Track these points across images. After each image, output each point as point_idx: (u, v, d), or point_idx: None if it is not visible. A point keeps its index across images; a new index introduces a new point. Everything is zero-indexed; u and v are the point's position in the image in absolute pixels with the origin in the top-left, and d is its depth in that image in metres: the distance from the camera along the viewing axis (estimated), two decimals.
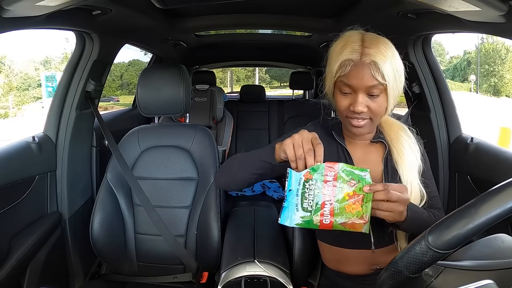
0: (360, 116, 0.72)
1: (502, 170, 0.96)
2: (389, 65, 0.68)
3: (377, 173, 0.78)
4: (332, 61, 0.72)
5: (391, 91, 0.70)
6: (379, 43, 0.69)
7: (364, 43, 0.69)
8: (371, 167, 0.78)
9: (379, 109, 0.72)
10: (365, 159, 0.80)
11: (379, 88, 0.69)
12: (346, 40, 0.71)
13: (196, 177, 1.13)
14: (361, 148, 0.81)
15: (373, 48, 0.68)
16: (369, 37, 0.70)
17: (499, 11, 0.64)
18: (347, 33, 0.73)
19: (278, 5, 1.37)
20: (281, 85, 19.38)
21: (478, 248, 0.52)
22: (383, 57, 0.67)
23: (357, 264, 0.82)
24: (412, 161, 0.77)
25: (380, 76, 0.68)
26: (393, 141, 0.79)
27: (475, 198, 0.42)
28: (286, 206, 0.66)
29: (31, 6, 0.70)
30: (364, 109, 0.71)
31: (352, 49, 0.69)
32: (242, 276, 0.81)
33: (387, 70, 0.68)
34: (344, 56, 0.69)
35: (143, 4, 1.01)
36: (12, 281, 0.94)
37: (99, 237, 1.07)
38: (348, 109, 0.72)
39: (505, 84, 17.97)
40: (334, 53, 0.73)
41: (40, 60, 18.53)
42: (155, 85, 1.13)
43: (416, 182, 0.76)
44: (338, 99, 0.74)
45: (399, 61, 0.71)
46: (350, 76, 0.69)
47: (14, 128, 8.50)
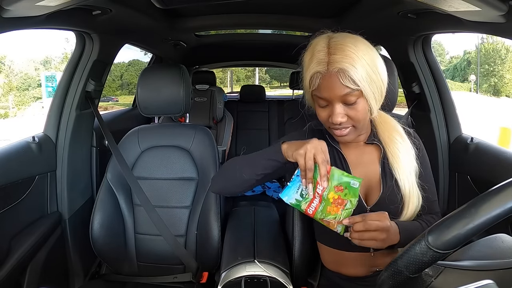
0: (341, 126, 0.71)
1: (502, 170, 0.96)
2: (360, 68, 0.64)
3: (374, 175, 0.78)
4: (304, 75, 0.71)
5: (368, 93, 0.67)
6: (345, 45, 0.65)
7: (330, 50, 0.66)
8: (367, 168, 0.78)
9: (360, 115, 0.69)
10: (360, 161, 0.79)
11: (354, 95, 0.66)
12: (312, 50, 0.68)
13: (196, 177, 1.13)
14: (356, 149, 0.80)
15: (338, 53, 0.64)
16: (336, 40, 0.67)
17: (499, 11, 0.64)
18: (314, 41, 0.70)
19: (278, 5, 1.37)
20: (281, 85, 19.39)
21: (478, 248, 0.52)
22: (350, 60, 0.64)
23: (356, 266, 0.81)
24: (407, 164, 0.76)
25: (351, 82, 0.64)
26: (387, 144, 0.77)
27: (475, 198, 0.42)
28: (289, 186, 0.72)
29: (31, 6, 0.70)
30: (343, 119, 0.69)
31: (318, 60, 0.66)
32: (242, 276, 0.81)
33: (357, 74, 0.64)
34: (312, 69, 0.67)
35: (143, 4, 1.01)
36: (12, 281, 0.94)
37: (99, 237, 1.07)
38: (328, 121, 0.71)
39: (505, 84, 17.97)
40: (304, 66, 0.71)
41: (40, 60, 18.55)
42: (155, 85, 1.13)
43: (413, 185, 0.75)
44: (318, 112, 0.73)
45: (373, 58, 0.67)
46: (321, 89, 0.67)
47: (14, 128, 8.49)
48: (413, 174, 0.76)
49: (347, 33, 0.69)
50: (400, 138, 0.78)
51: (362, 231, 0.67)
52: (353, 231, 0.68)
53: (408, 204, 0.75)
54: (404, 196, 0.75)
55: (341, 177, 0.69)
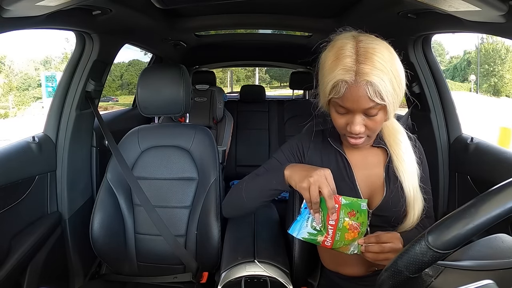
0: (357, 136, 0.69)
1: (502, 170, 0.96)
2: (387, 82, 0.62)
3: (377, 178, 0.77)
4: (325, 78, 0.66)
5: (390, 107, 0.65)
6: (374, 55, 0.62)
7: (358, 57, 0.62)
8: (370, 171, 0.78)
9: (378, 126, 0.69)
10: (364, 163, 0.79)
11: (377, 108, 0.65)
12: (337, 54, 0.64)
13: (196, 177, 1.13)
14: (360, 152, 0.79)
15: (368, 63, 0.61)
16: (364, 46, 0.63)
17: (499, 11, 0.64)
18: (338, 42, 0.66)
19: (278, 5, 1.37)
20: (281, 85, 19.39)
21: (478, 248, 0.52)
22: (380, 73, 0.61)
23: (354, 266, 0.81)
24: (412, 167, 0.75)
25: (378, 97, 0.62)
26: (393, 147, 0.77)
27: (475, 198, 0.42)
28: (298, 220, 0.73)
29: (31, 6, 0.70)
30: (362, 129, 0.67)
31: (345, 68, 0.62)
32: (242, 276, 0.81)
33: (385, 89, 0.62)
34: (337, 76, 0.63)
35: (143, 4, 1.00)
36: (12, 281, 0.94)
37: (99, 237, 1.07)
38: (345, 128, 0.69)
39: (505, 84, 17.97)
40: (326, 67, 0.66)
41: (40, 60, 18.55)
42: (155, 85, 1.13)
43: (417, 189, 0.75)
44: (334, 117, 0.70)
45: (398, 67, 0.65)
46: (345, 99, 0.64)
47: (13, 129, 8.49)
48: (416, 177, 0.76)
49: (373, 37, 0.66)
50: (405, 140, 0.78)
51: (377, 253, 0.68)
52: (368, 252, 0.69)
53: (414, 207, 0.74)
54: (408, 200, 0.74)
55: (351, 203, 0.70)
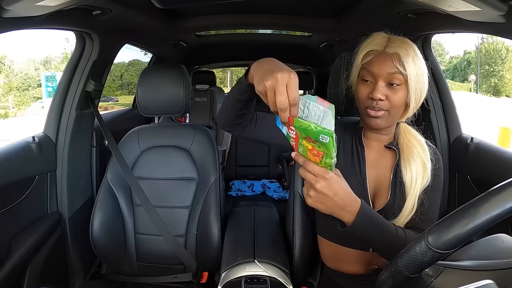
0: (378, 106, 0.73)
1: (502, 170, 0.96)
2: (412, 61, 0.70)
3: (385, 179, 0.78)
4: (358, 54, 0.76)
5: (411, 84, 0.71)
6: (404, 41, 0.73)
7: (390, 39, 0.74)
8: (380, 171, 0.79)
9: (398, 101, 0.72)
10: (377, 164, 0.80)
11: (399, 78, 0.71)
12: (374, 37, 0.75)
13: (196, 177, 1.13)
14: (376, 151, 0.81)
15: (397, 43, 0.72)
16: (396, 36, 0.75)
17: (499, 11, 0.64)
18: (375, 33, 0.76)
19: (278, 5, 1.37)
20: None
21: (478, 248, 0.52)
22: (406, 51, 0.70)
23: (354, 263, 0.82)
24: (418, 175, 0.74)
25: (402, 66, 0.70)
26: (404, 151, 0.77)
27: (475, 198, 0.42)
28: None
29: (31, 6, 0.70)
30: (383, 96, 0.72)
31: (378, 42, 0.74)
32: (242, 276, 0.81)
33: (409, 63, 0.70)
34: (369, 47, 0.74)
35: (143, 4, 1.00)
36: (12, 281, 0.94)
37: (99, 237, 1.07)
38: (368, 97, 0.74)
39: (505, 84, 17.98)
40: (361, 48, 0.77)
41: (40, 60, 18.56)
42: (155, 85, 1.13)
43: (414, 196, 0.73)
44: (359, 88, 0.76)
45: (422, 63, 0.73)
46: (372, 63, 0.73)
47: (13, 129, 8.49)
48: (419, 185, 0.74)
49: None
50: (420, 147, 0.77)
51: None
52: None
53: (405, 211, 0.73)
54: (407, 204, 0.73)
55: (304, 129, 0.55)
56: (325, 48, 1.78)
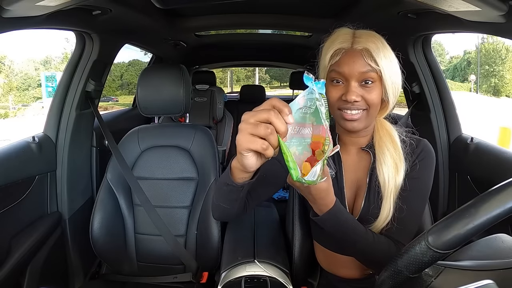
0: (353, 107, 0.67)
1: (502, 170, 0.96)
2: (382, 54, 0.66)
3: (361, 183, 0.75)
4: (323, 54, 0.70)
5: (387, 80, 0.66)
6: (371, 34, 0.68)
7: (355, 33, 0.68)
8: (359, 175, 0.76)
9: (376, 100, 0.67)
10: (355, 168, 0.76)
11: (372, 76, 0.66)
12: (337, 34, 0.69)
13: (196, 177, 1.13)
14: (353, 155, 0.77)
15: (364, 37, 0.66)
16: (361, 30, 0.69)
17: (499, 11, 0.64)
18: (337, 29, 0.71)
19: (278, 5, 1.37)
20: (281, 85, 19.40)
21: (478, 248, 0.52)
22: (374, 44, 0.65)
23: (349, 268, 0.80)
24: (390, 177, 0.69)
25: (373, 62, 0.65)
26: (377, 151, 0.72)
27: (475, 198, 0.42)
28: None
29: (31, 6, 0.70)
30: (358, 98, 0.66)
31: (343, 39, 0.67)
32: (242, 276, 0.81)
33: (380, 57, 0.65)
34: (335, 46, 0.67)
35: (143, 4, 1.00)
36: (12, 281, 0.94)
37: (99, 237, 1.07)
38: (340, 99, 0.67)
39: (505, 84, 17.97)
40: (325, 47, 0.70)
41: (40, 60, 18.55)
42: (155, 85, 1.13)
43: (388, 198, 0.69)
44: (330, 91, 0.68)
45: (392, 54, 0.68)
46: (342, 63, 0.66)
47: (13, 129, 8.49)
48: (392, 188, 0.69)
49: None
50: (392, 146, 0.72)
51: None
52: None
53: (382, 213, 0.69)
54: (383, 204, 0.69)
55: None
56: None
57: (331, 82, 0.69)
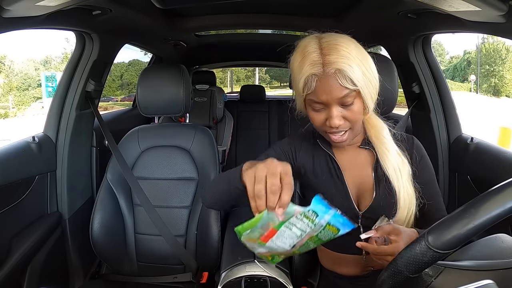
0: (338, 130, 0.67)
1: (502, 170, 0.96)
2: (356, 67, 0.62)
3: (367, 179, 0.76)
4: (295, 79, 0.67)
5: (365, 92, 0.65)
6: (338, 45, 0.63)
7: (322, 50, 0.63)
8: (361, 172, 0.76)
9: (357, 116, 0.67)
10: (353, 164, 0.77)
11: (352, 96, 0.64)
12: (303, 53, 0.65)
13: (196, 177, 1.13)
14: (349, 152, 0.78)
15: (333, 54, 0.62)
16: (326, 40, 0.64)
17: (499, 11, 0.64)
18: (302, 43, 0.67)
19: (278, 5, 1.37)
20: (281, 85, 19.40)
21: (478, 248, 0.52)
22: (346, 60, 0.61)
23: (350, 266, 0.81)
24: (398, 164, 0.72)
25: (350, 83, 0.62)
26: (376, 144, 0.74)
27: (475, 198, 0.42)
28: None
29: (31, 6, 0.70)
30: (341, 121, 0.66)
31: (312, 62, 0.62)
32: (242, 276, 0.81)
33: (355, 73, 0.62)
34: (305, 72, 0.63)
35: (143, 4, 1.00)
36: (12, 281, 0.94)
37: (99, 237, 1.07)
38: (325, 124, 0.67)
39: (505, 84, 17.96)
40: (294, 69, 0.67)
41: (40, 60, 18.54)
42: (155, 85, 1.13)
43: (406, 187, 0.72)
44: (312, 117, 0.69)
45: (365, 56, 0.65)
46: (318, 92, 0.63)
47: (13, 129, 8.49)
48: (406, 174, 0.72)
49: (335, 33, 0.66)
50: (389, 137, 0.76)
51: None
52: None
53: (405, 202, 0.72)
54: (398, 196, 0.72)
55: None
56: None
57: (311, 108, 0.68)
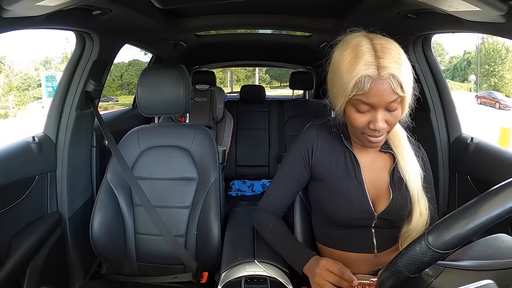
0: (380, 134, 0.69)
1: (502, 170, 0.96)
2: (406, 74, 0.63)
3: (382, 182, 0.78)
4: (344, 77, 0.65)
5: (408, 99, 0.67)
6: (391, 49, 0.64)
7: (376, 53, 0.63)
8: (377, 174, 0.78)
9: (396, 120, 0.69)
10: (373, 167, 0.79)
11: (398, 101, 0.66)
12: (356, 51, 0.64)
13: (196, 177, 1.13)
14: (370, 155, 0.80)
15: (387, 58, 0.62)
16: (379, 42, 0.64)
17: (499, 11, 0.64)
18: (353, 41, 0.66)
19: (278, 5, 1.37)
20: (281, 85, 19.38)
21: (478, 248, 0.52)
22: (399, 66, 0.62)
23: (359, 266, 0.81)
24: (416, 168, 0.76)
25: (400, 89, 0.63)
26: (398, 149, 0.77)
27: (475, 198, 0.42)
28: None
29: (31, 6, 0.70)
30: (384, 125, 0.67)
31: (367, 63, 0.62)
32: (242, 276, 0.81)
33: (405, 80, 0.63)
34: (359, 72, 0.62)
35: (143, 4, 1.00)
36: (12, 281, 0.94)
37: (99, 237, 1.07)
38: (367, 127, 0.68)
39: (505, 84, 17.96)
40: (343, 67, 0.65)
41: (40, 60, 18.53)
42: (155, 85, 1.13)
43: (420, 188, 0.75)
44: (354, 117, 0.68)
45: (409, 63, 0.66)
46: (370, 95, 0.63)
47: (13, 129, 8.49)
48: (420, 177, 0.76)
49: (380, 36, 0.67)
50: (408, 145, 0.78)
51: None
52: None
53: (419, 205, 0.74)
54: (413, 200, 0.75)
55: None
56: (325, 48, 1.78)
57: (355, 109, 0.68)
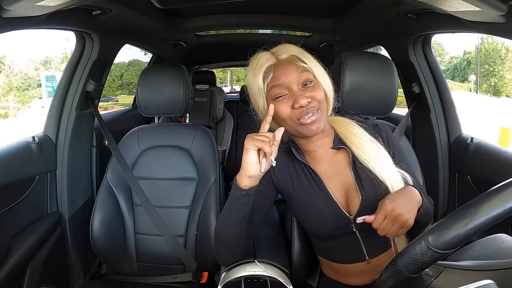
0: (308, 110, 0.68)
1: (502, 170, 0.96)
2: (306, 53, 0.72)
3: (349, 182, 0.74)
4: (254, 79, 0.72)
5: (320, 77, 0.72)
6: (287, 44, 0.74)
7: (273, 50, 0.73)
8: (342, 176, 0.75)
9: (321, 95, 0.71)
10: (334, 170, 0.76)
11: (309, 77, 0.70)
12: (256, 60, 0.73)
13: (196, 177, 1.13)
14: (325, 160, 0.77)
15: (282, 49, 0.72)
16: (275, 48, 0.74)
17: (499, 11, 0.64)
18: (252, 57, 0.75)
19: (278, 5, 1.37)
20: None
21: (478, 248, 0.52)
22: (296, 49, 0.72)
23: (357, 276, 0.79)
24: (375, 150, 0.73)
25: (303, 62, 0.70)
26: (349, 139, 0.75)
27: (475, 198, 0.42)
28: None
29: (31, 6, 0.70)
30: (308, 99, 0.68)
31: (265, 58, 0.72)
32: (242, 276, 0.81)
33: (306, 57, 0.71)
34: (262, 66, 0.71)
35: (143, 4, 1.00)
36: (12, 281, 0.94)
37: (99, 237, 1.07)
38: (292, 109, 0.69)
39: (505, 84, 17.97)
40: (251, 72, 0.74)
41: (40, 60, 18.55)
42: (155, 85, 1.13)
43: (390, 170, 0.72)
44: (279, 109, 0.70)
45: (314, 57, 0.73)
46: (277, 76, 0.70)
47: (13, 129, 8.49)
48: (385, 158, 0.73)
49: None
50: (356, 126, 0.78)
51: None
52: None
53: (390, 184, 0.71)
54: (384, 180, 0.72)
55: None
56: (325, 48, 1.78)
57: (275, 100, 0.71)
